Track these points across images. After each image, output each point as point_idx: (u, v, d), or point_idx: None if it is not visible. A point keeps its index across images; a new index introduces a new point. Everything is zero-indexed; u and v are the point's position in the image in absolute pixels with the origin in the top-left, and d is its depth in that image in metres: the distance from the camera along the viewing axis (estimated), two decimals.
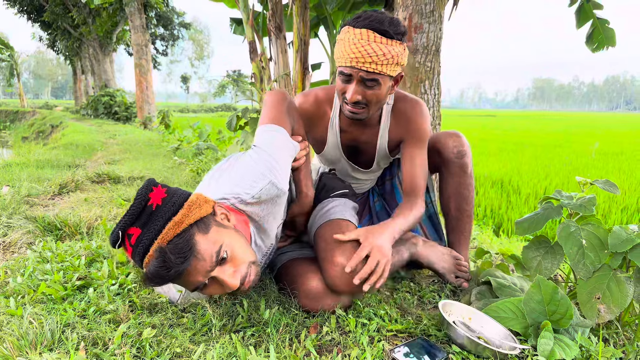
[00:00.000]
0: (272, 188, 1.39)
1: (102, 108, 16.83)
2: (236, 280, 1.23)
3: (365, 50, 1.50)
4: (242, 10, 6.26)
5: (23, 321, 1.19)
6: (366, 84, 1.56)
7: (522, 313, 1.42)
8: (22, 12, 23.16)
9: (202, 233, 1.19)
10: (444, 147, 1.83)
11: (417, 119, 1.77)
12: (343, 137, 1.88)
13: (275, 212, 1.48)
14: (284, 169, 1.44)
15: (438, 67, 3.83)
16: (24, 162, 4.09)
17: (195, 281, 1.19)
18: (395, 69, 1.57)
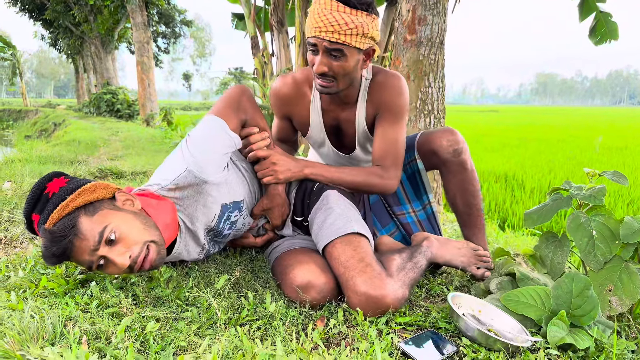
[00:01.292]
0: (188, 175, 1.43)
1: (105, 106, 16.81)
2: (124, 259, 1.29)
3: (327, 20, 1.49)
4: (244, 5, 6.23)
5: (24, 315, 1.16)
6: (331, 54, 1.54)
7: (542, 301, 1.39)
8: (24, 11, 23.15)
9: (87, 215, 1.29)
10: (439, 148, 1.78)
11: (390, 92, 1.73)
12: (325, 118, 1.86)
13: (205, 201, 1.51)
14: (208, 158, 1.45)
15: (442, 60, 3.79)
16: (26, 158, 4.07)
17: (84, 260, 1.29)
18: (361, 40, 1.54)
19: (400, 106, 1.73)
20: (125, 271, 1.33)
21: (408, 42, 3.77)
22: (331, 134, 1.92)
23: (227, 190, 1.56)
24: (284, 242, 1.71)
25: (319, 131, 1.91)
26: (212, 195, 1.51)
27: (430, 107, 3.79)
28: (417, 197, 1.94)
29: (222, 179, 1.51)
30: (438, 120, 3.81)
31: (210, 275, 1.59)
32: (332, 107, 1.84)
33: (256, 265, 1.72)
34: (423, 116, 3.77)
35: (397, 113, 1.73)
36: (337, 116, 1.85)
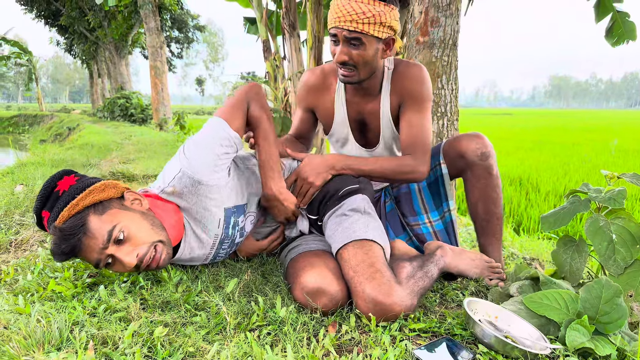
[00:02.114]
0: (183, 177, 1.44)
1: (119, 110, 16.95)
2: (131, 259, 1.32)
3: (346, 10, 1.55)
4: (256, 9, 6.23)
5: (30, 319, 1.15)
6: (351, 42, 1.60)
7: (567, 304, 1.34)
8: (40, 17, 23.45)
9: (97, 214, 1.31)
10: (466, 150, 1.75)
11: (413, 81, 1.74)
12: (350, 110, 1.88)
13: (204, 204, 1.49)
14: (203, 159, 1.45)
15: (455, 62, 3.75)
16: (38, 162, 4.09)
17: (92, 258, 1.30)
18: (379, 29, 1.58)
19: (424, 94, 1.74)
20: (131, 270, 1.35)
21: (421, 44, 3.73)
22: (355, 129, 1.92)
23: (229, 193, 1.54)
24: (300, 244, 1.66)
25: (343, 125, 1.91)
26: (211, 198, 1.49)
27: (443, 109, 3.74)
28: (435, 206, 1.89)
29: (219, 181, 1.48)
30: (451, 123, 3.77)
31: (219, 279, 1.56)
32: (356, 99, 1.85)
33: (266, 269, 1.70)
34: (436, 118, 3.73)
35: (421, 101, 1.74)
36: (361, 109, 1.86)
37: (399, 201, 1.97)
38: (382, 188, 2.07)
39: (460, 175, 1.83)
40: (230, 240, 1.63)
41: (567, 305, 1.35)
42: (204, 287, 1.48)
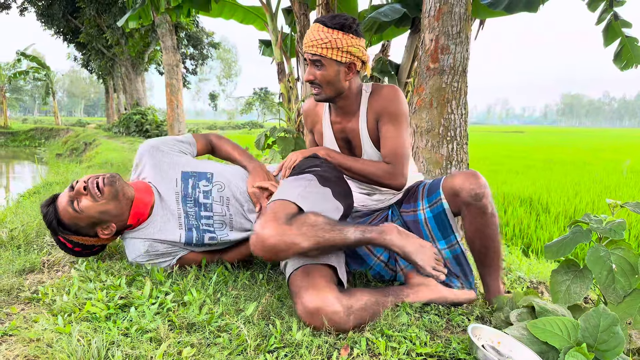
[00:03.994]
0: (140, 149, 2.03)
1: (134, 126, 17.26)
2: (80, 183, 1.80)
3: (311, 37, 1.87)
4: (271, 33, 6.41)
5: (71, 338, 1.26)
6: (315, 64, 1.91)
7: (568, 332, 1.42)
8: (59, 34, 24.00)
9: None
10: (461, 190, 1.84)
11: (386, 99, 1.96)
12: (335, 129, 2.13)
13: (160, 165, 1.99)
14: (156, 140, 2.07)
15: (465, 88, 3.86)
16: (63, 182, 4.25)
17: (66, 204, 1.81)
18: (337, 53, 1.87)
19: (397, 109, 1.95)
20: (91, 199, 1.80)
21: (431, 70, 3.85)
22: (342, 147, 2.15)
23: (186, 160, 2.02)
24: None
25: (332, 144, 2.15)
26: (164, 161, 1.99)
27: (453, 133, 3.85)
28: (443, 236, 1.97)
29: (169, 149, 2.03)
30: (461, 147, 3.86)
31: (239, 302, 1.67)
32: (338, 118, 2.10)
33: (283, 293, 1.80)
34: (446, 142, 3.83)
35: (395, 116, 1.95)
36: (344, 127, 2.09)
37: (407, 227, 2.07)
38: (389, 206, 2.18)
39: (458, 211, 1.93)
40: (193, 200, 1.95)
41: (569, 333, 1.43)
42: (225, 309, 1.59)
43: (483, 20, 5.52)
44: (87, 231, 1.86)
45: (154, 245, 1.90)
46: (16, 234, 2.31)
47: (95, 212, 1.81)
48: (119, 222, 1.88)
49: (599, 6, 5.22)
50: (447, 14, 3.71)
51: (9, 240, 2.26)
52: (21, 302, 1.63)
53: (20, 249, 2.17)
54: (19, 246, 2.21)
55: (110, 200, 1.81)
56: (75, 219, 1.81)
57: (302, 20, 5.71)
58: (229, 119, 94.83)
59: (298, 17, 5.72)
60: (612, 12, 5.21)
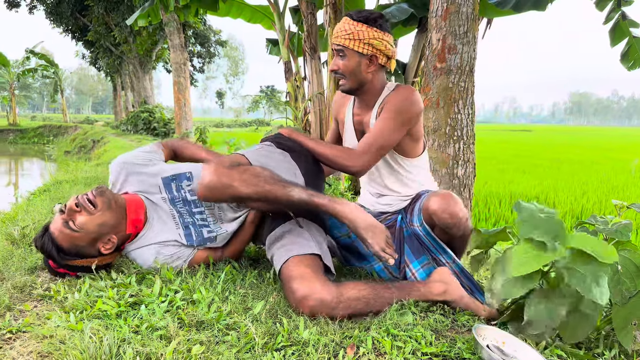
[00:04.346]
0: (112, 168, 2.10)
1: (142, 124, 17.35)
2: (71, 200, 1.80)
3: (337, 29, 1.98)
4: (279, 32, 6.43)
5: (84, 335, 1.29)
6: (339, 55, 1.99)
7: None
8: (67, 32, 24.17)
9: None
10: (434, 214, 1.91)
11: (396, 95, 2.01)
12: (354, 120, 2.19)
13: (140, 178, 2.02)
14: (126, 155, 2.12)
15: (472, 87, 3.87)
16: (72, 180, 4.30)
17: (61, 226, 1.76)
18: (359, 45, 1.94)
19: (397, 105, 1.97)
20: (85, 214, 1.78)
21: (438, 70, 3.86)
22: (359, 139, 2.16)
23: (161, 168, 2.05)
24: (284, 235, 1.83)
25: (351, 134, 2.20)
26: (142, 172, 2.04)
27: (459, 133, 3.85)
28: (445, 252, 2.00)
29: (142, 161, 2.07)
30: (467, 147, 3.87)
31: (247, 301, 1.69)
32: (358, 111, 2.17)
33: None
34: (452, 142, 3.84)
35: (391, 110, 1.98)
36: (361, 120, 2.16)
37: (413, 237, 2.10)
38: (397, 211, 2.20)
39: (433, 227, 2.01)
40: (181, 200, 1.99)
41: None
42: (234, 307, 1.62)
43: (490, 20, 5.52)
44: (89, 250, 1.82)
45: (161, 251, 1.90)
46: (28, 232, 2.35)
47: (93, 227, 1.78)
48: (119, 233, 1.87)
49: (606, 5, 5.21)
50: (454, 13, 3.72)
51: (21, 238, 2.29)
52: (34, 299, 1.67)
53: (31, 247, 2.21)
54: (31, 244, 2.25)
55: (105, 211, 1.80)
56: (75, 239, 1.77)
57: (310, 19, 5.73)
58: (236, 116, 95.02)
59: (305, 17, 5.73)
60: (620, 11, 5.19)
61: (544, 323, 1.53)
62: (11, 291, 1.68)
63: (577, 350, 1.54)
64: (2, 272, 1.87)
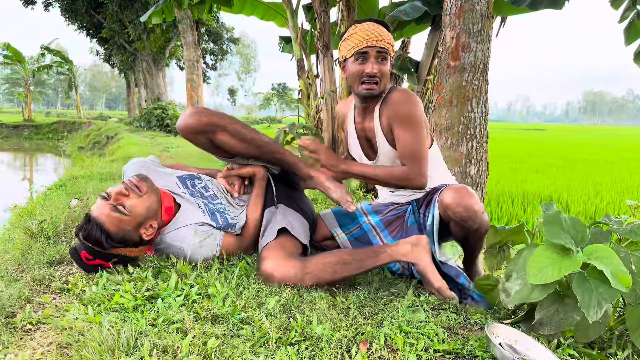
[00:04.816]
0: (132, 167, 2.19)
1: (155, 120, 17.47)
2: (119, 185, 1.87)
3: (377, 32, 1.97)
4: (291, 30, 6.45)
5: (102, 328, 1.32)
6: (379, 59, 1.99)
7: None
8: (82, 29, 24.39)
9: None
10: (448, 207, 1.91)
11: (395, 104, 2.03)
12: (357, 128, 2.22)
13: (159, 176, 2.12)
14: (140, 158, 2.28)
15: (485, 86, 3.85)
16: (88, 175, 4.35)
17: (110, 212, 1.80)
18: (392, 51, 2.03)
19: (406, 113, 2.00)
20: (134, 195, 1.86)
21: (451, 68, 3.85)
22: (364, 145, 2.23)
23: (171, 170, 2.24)
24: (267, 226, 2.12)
25: (354, 142, 2.25)
26: (158, 171, 2.17)
27: (472, 131, 3.84)
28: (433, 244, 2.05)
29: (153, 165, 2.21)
30: (480, 145, 3.86)
31: (261, 296, 1.71)
32: (359, 118, 2.20)
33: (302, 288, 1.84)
34: (465, 140, 3.83)
35: (404, 119, 2.00)
36: (363, 126, 2.18)
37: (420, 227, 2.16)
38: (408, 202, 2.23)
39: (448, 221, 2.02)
40: (199, 194, 2.13)
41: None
42: (248, 302, 1.64)
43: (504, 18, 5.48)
44: (132, 236, 1.87)
45: (198, 229, 1.97)
46: (45, 226, 2.39)
47: (142, 209, 1.86)
48: (157, 219, 1.95)
49: (622, 4, 5.15)
50: (468, 11, 3.71)
51: (39, 232, 2.34)
52: (52, 292, 1.70)
53: (49, 241, 2.25)
54: (49, 238, 2.29)
55: (150, 193, 1.91)
56: (123, 223, 1.82)
57: (323, 17, 5.74)
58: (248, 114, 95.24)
59: (318, 14, 5.74)
60: (635, 10, 5.13)
61: (555, 325, 1.53)
62: (31, 284, 1.72)
63: (590, 349, 1.53)
64: (22, 265, 1.91)
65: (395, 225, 2.25)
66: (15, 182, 10.93)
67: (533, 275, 1.49)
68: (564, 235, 1.57)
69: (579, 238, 1.59)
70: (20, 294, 1.59)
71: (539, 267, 1.51)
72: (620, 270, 1.47)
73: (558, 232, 1.58)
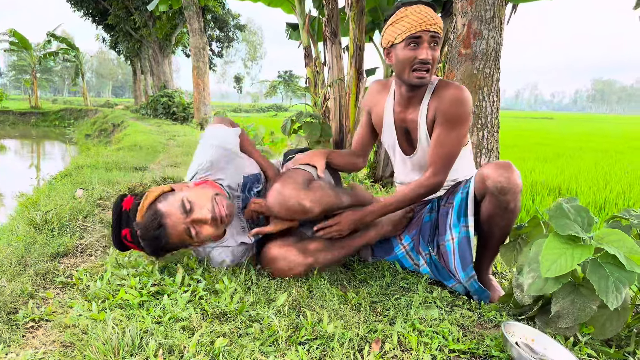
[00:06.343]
0: (218, 150, 1.87)
1: (161, 108, 17.40)
2: (206, 213, 1.65)
3: (430, 15, 1.80)
4: (299, 16, 6.35)
5: (106, 326, 1.28)
6: (432, 44, 1.82)
7: None
8: (88, 15, 24.26)
9: (162, 202, 1.65)
10: (488, 178, 1.80)
11: (449, 102, 1.89)
12: (396, 118, 2.08)
13: (234, 166, 1.95)
14: (226, 136, 1.92)
15: (497, 74, 3.76)
16: (93, 164, 4.31)
17: (180, 230, 1.63)
18: (442, 36, 1.85)
19: (455, 114, 1.88)
20: (213, 227, 1.67)
21: (462, 56, 3.76)
22: (401, 137, 2.10)
23: (243, 161, 2.01)
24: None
25: (390, 131, 2.11)
26: (234, 165, 1.95)
27: (483, 120, 3.77)
28: (458, 221, 1.95)
29: (234, 147, 1.94)
30: (491, 135, 3.79)
31: (270, 292, 1.67)
32: (400, 108, 2.05)
33: (312, 283, 1.79)
34: (476, 130, 3.76)
35: (453, 122, 1.89)
36: (404, 118, 2.04)
37: (441, 215, 2.06)
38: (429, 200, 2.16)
39: (482, 197, 1.88)
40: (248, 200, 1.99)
41: None
42: (256, 299, 1.59)
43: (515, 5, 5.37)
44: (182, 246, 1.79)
45: (236, 250, 1.91)
46: (50, 217, 2.35)
47: (211, 236, 1.72)
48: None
49: None
50: None
51: (43, 223, 2.30)
52: (56, 286, 1.66)
53: (54, 232, 2.21)
54: (53, 229, 2.25)
55: (226, 225, 1.77)
56: (187, 242, 1.72)
57: (331, 3, 5.63)
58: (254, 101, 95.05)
59: (326, 0, 5.64)
60: None
61: (573, 317, 1.48)
62: (34, 278, 1.69)
63: (607, 348, 1.48)
64: (25, 258, 1.87)
65: (412, 222, 2.19)
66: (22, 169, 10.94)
67: (546, 269, 1.45)
68: (572, 225, 1.53)
69: (586, 224, 1.54)
70: (23, 288, 1.56)
71: (552, 259, 1.46)
72: (634, 251, 1.42)
73: (566, 224, 1.53)
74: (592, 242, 1.47)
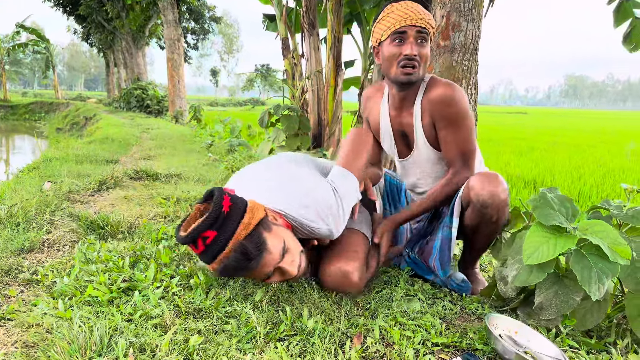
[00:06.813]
0: (326, 231, 1.61)
1: (135, 101, 17.09)
2: (295, 268, 1.50)
3: (417, 10, 1.74)
4: (276, 7, 6.26)
5: (73, 325, 1.20)
6: (419, 40, 1.75)
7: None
8: (58, 6, 23.65)
9: (266, 231, 1.44)
10: (471, 188, 1.76)
11: (440, 104, 1.83)
12: (392, 122, 2.01)
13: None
14: (344, 219, 1.68)
15: (475, 67, 3.75)
16: (63, 157, 4.17)
17: (266, 272, 1.45)
18: (433, 32, 1.79)
19: (454, 114, 1.82)
20: (283, 278, 1.52)
21: (441, 48, 3.74)
22: (399, 141, 2.04)
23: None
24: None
25: (388, 136, 2.05)
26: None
27: None
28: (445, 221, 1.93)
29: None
30: None
31: (247, 287, 1.61)
32: (395, 112, 1.99)
33: None
34: None
35: (450, 122, 1.83)
36: (400, 121, 1.98)
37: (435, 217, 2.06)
38: None
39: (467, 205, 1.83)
40: None
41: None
42: (233, 294, 1.53)
43: None
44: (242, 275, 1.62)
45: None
46: (15, 211, 2.24)
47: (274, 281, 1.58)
48: None
49: None
50: None
51: (8, 218, 2.19)
52: (20, 283, 1.57)
53: (19, 227, 2.11)
54: (18, 224, 2.14)
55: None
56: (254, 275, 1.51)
57: None
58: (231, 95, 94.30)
59: None
60: None
61: (556, 308, 1.47)
62: None
63: (589, 339, 1.47)
64: None
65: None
66: None
67: (528, 256, 1.43)
68: (556, 215, 1.51)
69: (570, 214, 1.52)
70: None
71: (534, 246, 1.44)
72: (617, 242, 1.40)
73: (550, 214, 1.51)
74: (576, 233, 1.45)
